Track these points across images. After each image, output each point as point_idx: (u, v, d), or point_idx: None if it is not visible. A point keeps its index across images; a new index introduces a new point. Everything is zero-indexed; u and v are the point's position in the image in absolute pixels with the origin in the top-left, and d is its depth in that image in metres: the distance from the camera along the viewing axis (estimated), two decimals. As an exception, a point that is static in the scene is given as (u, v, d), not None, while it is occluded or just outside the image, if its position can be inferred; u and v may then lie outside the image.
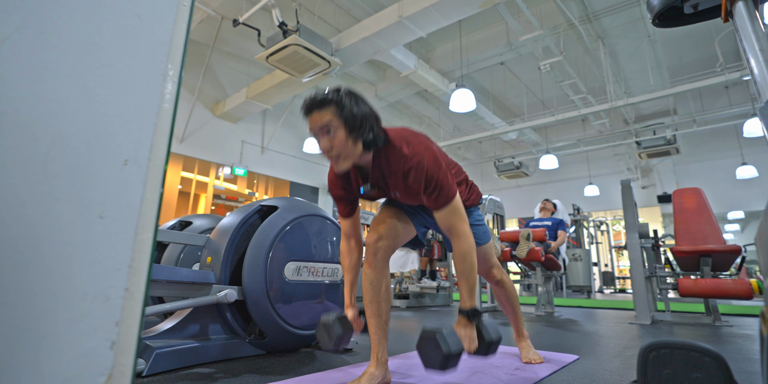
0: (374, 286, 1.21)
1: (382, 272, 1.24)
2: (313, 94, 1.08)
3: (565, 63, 6.37)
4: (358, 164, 1.15)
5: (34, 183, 0.34)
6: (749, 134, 6.31)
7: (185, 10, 0.44)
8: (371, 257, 1.23)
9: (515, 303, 1.59)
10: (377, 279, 1.22)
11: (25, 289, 0.33)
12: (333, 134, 1.05)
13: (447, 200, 1.11)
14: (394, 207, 1.33)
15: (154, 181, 0.40)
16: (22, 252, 0.33)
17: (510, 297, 1.57)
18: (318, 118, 1.06)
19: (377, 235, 1.24)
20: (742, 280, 2.65)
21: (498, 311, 3.90)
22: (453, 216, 1.12)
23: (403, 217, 1.31)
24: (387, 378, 1.19)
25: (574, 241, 7.64)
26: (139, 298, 0.37)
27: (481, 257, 1.44)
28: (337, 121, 1.05)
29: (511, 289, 1.58)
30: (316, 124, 1.07)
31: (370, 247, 1.24)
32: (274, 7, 4.37)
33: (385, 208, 1.33)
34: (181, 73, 0.43)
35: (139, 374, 1.26)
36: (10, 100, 0.34)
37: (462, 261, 1.12)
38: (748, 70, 0.55)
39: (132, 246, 0.38)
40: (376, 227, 1.27)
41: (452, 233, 1.13)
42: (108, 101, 0.39)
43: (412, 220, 1.33)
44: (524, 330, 1.63)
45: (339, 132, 1.05)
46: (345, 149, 1.06)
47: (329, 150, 1.07)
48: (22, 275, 0.33)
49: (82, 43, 0.38)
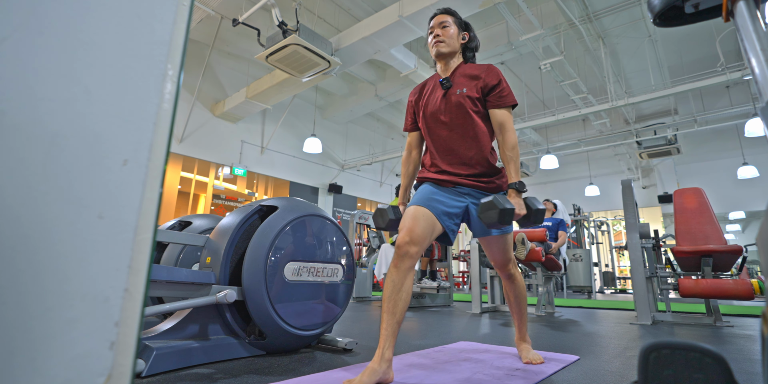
0: (395, 285, 1.27)
1: (406, 275, 1.29)
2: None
3: (566, 63, 6.37)
4: (446, 69, 1.51)
5: (33, 183, 0.34)
6: (750, 134, 6.31)
7: (185, 9, 0.44)
8: (398, 259, 1.30)
9: (523, 303, 1.62)
10: (399, 280, 1.28)
11: (24, 290, 0.33)
12: (447, 27, 1.49)
13: (509, 101, 1.42)
14: (421, 208, 1.38)
15: (153, 181, 0.40)
16: (21, 252, 0.33)
17: (519, 295, 1.62)
18: (441, 18, 1.50)
19: (409, 238, 1.31)
20: (743, 280, 2.64)
21: (498, 311, 3.90)
22: (508, 116, 1.42)
23: (430, 217, 1.38)
24: (389, 376, 1.19)
25: (575, 242, 7.63)
26: (138, 299, 0.37)
27: (503, 247, 1.53)
28: (453, 23, 1.50)
29: (521, 288, 1.62)
30: (438, 20, 1.50)
31: (399, 249, 1.30)
32: (274, 6, 4.37)
33: (415, 209, 1.38)
34: (180, 73, 0.43)
35: (139, 375, 1.26)
36: (9, 100, 0.34)
37: (512, 148, 1.39)
38: (749, 69, 0.55)
39: (131, 246, 0.38)
40: (410, 227, 1.33)
41: (504, 129, 1.41)
42: (107, 101, 0.39)
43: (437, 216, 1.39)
44: (527, 334, 1.64)
45: (452, 27, 1.50)
46: (450, 39, 1.48)
47: (439, 35, 1.48)
48: (21, 275, 0.33)
49: (82, 42, 0.38)
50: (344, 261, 1.86)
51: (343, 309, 1.83)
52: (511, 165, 1.39)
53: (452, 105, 1.44)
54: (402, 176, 1.64)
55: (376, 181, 10.69)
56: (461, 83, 1.46)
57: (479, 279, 3.87)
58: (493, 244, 1.52)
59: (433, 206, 1.39)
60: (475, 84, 1.44)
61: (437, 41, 1.47)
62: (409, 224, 1.34)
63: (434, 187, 1.46)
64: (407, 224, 1.34)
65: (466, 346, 1.89)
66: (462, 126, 1.43)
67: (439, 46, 1.47)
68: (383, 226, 1.48)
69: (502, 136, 1.41)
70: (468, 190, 1.46)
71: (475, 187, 1.46)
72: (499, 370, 1.39)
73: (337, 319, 1.82)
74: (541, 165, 8.10)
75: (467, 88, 1.43)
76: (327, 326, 1.76)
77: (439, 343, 1.98)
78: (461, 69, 1.50)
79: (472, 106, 1.42)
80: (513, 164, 1.39)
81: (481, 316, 3.47)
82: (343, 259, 1.85)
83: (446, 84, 1.47)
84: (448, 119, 1.45)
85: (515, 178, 1.37)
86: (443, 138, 1.46)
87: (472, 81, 1.45)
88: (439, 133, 1.47)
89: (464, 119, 1.43)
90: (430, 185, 1.47)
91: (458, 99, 1.43)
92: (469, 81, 1.45)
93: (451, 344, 1.95)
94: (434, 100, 1.49)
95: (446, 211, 1.41)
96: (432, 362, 1.52)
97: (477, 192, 1.47)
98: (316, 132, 8.58)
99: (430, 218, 1.37)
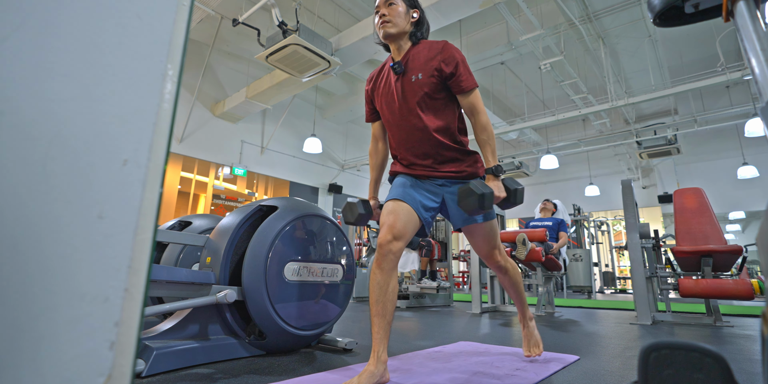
0: (381, 287, 1.25)
1: (390, 274, 1.27)
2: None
3: (566, 63, 6.36)
4: (398, 52, 1.41)
5: (33, 183, 0.34)
6: (750, 134, 6.30)
7: (185, 9, 0.44)
8: (381, 259, 1.27)
9: (519, 289, 1.63)
10: (385, 281, 1.26)
11: (24, 290, 0.33)
12: (394, 5, 1.38)
13: (471, 84, 1.34)
14: (399, 201, 1.36)
15: (153, 181, 0.40)
16: (21, 252, 0.33)
17: (515, 283, 1.62)
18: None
19: (391, 236, 1.28)
20: (743, 280, 2.64)
21: (498, 311, 3.90)
22: (476, 98, 1.36)
23: (410, 212, 1.35)
24: (385, 377, 1.20)
25: (575, 242, 7.63)
26: (138, 299, 0.37)
27: (486, 235, 1.47)
28: (402, 2, 1.39)
29: (515, 276, 1.61)
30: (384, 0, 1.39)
31: (381, 247, 1.27)
32: (274, 6, 4.37)
33: (394, 203, 1.36)
34: (180, 73, 0.43)
35: (139, 375, 1.25)
36: (9, 100, 0.34)
37: (483, 130, 1.35)
38: (749, 69, 0.55)
39: (131, 246, 0.38)
40: (391, 224, 1.30)
41: (474, 111, 1.35)
42: (107, 101, 0.39)
43: (416, 209, 1.36)
44: (529, 312, 1.66)
45: (399, 5, 1.38)
46: (397, 18, 1.37)
47: (385, 15, 1.36)
48: (21, 275, 0.33)
49: (81, 42, 0.38)
50: (344, 261, 1.86)
51: (343, 309, 1.83)
52: (486, 148, 1.34)
53: (407, 95, 1.36)
54: (370, 169, 1.57)
55: (376, 181, 10.67)
56: (415, 68, 1.35)
57: (479, 279, 3.87)
58: (476, 233, 1.47)
59: (411, 199, 1.36)
60: (431, 66, 1.33)
61: (383, 21, 1.36)
62: (390, 220, 1.30)
63: (408, 179, 1.42)
64: (388, 221, 1.30)
65: (466, 346, 1.89)
66: (421, 115, 1.35)
67: (386, 26, 1.36)
68: (352, 220, 1.45)
69: (474, 118, 1.36)
70: (442, 181, 1.42)
71: (447, 178, 1.41)
72: (499, 370, 1.39)
73: (337, 319, 1.82)
74: (541, 165, 8.10)
75: (422, 74, 1.34)
76: (327, 326, 1.76)
77: (439, 343, 1.98)
78: (414, 50, 1.39)
79: (430, 92, 1.34)
80: (488, 147, 1.33)
81: (481, 316, 3.47)
82: (343, 259, 1.85)
83: (398, 69, 1.37)
84: (406, 108, 1.36)
85: (492, 161, 1.33)
86: (403, 128, 1.38)
87: (428, 63, 1.34)
88: (398, 124, 1.39)
89: (422, 107, 1.35)
90: (404, 177, 1.43)
91: (413, 86, 1.34)
92: (424, 64, 1.35)
93: (451, 344, 1.95)
94: (388, 87, 1.40)
95: (423, 204, 1.38)
96: (432, 362, 1.52)
97: (451, 182, 1.41)
98: (316, 132, 8.58)
99: (410, 212, 1.34)
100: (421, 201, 1.37)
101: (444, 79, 1.34)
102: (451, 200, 1.41)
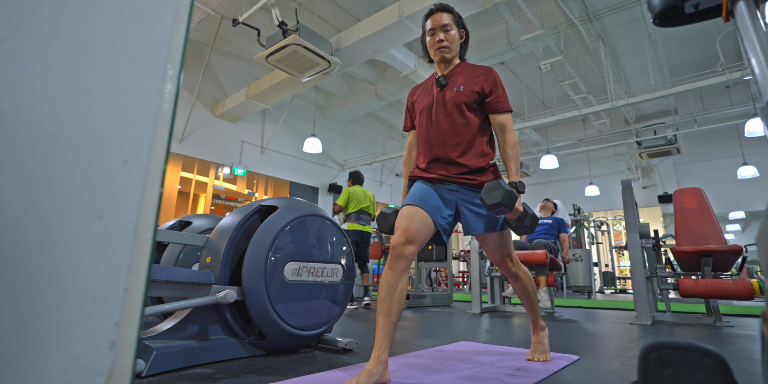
0: (390, 286, 1.27)
1: (401, 276, 1.29)
2: (439, 2, 1.56)
3: (566, 62, 6.37)
4: (444, 69, 1.53)
5: (33, 183, 0.34)
6: (750, 134, 6.31)
7: (185, 9, 0.44)
8: (393, 261, 1.29)
9: (531, 296, 1.63)
10: (394, 281, 1.27)
11: (24, 290, 0.33)
12: (451, 31, 1.48)
13: (504, 108, 1.44)
14: (415, 207, 1.38)
15: (153, 181, 0.40)
16: (21, 252, 0.33)
17: (527, 291, 1.61)
18: (441, 18, 1.48)
19: (404, 239, 1.30)
20: (743, 280, 2.64)
21: (498, 311, 3.90)
22: (508, 119, 1.45)
23: (425, 217, 1.37)
24: (385, 377, 1.19)
25: (575, 242, 7.63)
26: (138, 299, 0.37)
27: (498, 243, 1.50)
28: (454, 24, 1.49)
29: (528, 284, 1.61)
30: (439, 22, 1.47)
31: (394, 250, 1.30)
32: (274, 6, 4.37)
33: (409, 208, 1.38)
34: (180, 73, 0.43)
35: (139, 375, 1.25)
36: (9, 100, 0.34)
37: (512, 147, 1.43)
38: (749, 69, 0.55)
39: (131, 246, 0.38)
40: (405, 228, 1.32)
41: (504, 129, 1.44)
42: (107, 101, 0.39)
43: (432, 215, 1.38)
44: (541, 321, 1.65)
45: (454, 30, 1.49)
46: (453, 44, 1.49)
47: (443, 40, 1.47)
48: (21, 275, 0.33)
49: (81, 42, 0.38)
50: (344, 261, 1.86)
51: (343, 309, 1.83)
52: (511, 163, 1.42)
53: (446, 102, 1.46)
54: (404, 177, 1.63)
55: (376, 181, 10.68)
56: (458, 82, 1.47)
57: (479, 279, 3.87)
58: (488, 241, 1.50)
59: (426, 204, 1.38)
60: (474, 82, 1.45)
61: (441, 47, 1.48)
62: (404, 224, 1.33)
63: (425, 184, 1.45)
64: (402, 224, 1.33)
65: (466, 346, 1.89)
66: (453, 123, 1.44)
67: (444, 52, 1.49)
68: (386, 229, 1.52)
69: (503, 135, 1.44)
70: (456, 187, 1.45)
71: (462, 184, 1.44)
72: (499, 370, 1.39)
73: (337, 319, 1.82)
74: (541, 165, 8.10)
75: (464, 87, 1.45)
76: (327, 326, 1.76)
77: (439, 343, 1.98)
78: (460, 68, 1.52)
79: (467, 104, 1.43)
80: (513, 162, 1.41)
81: (481, 316, 3.47)
82: (342, 259, 1.85)
83: (442, 81, 1.49)
84: (441, 116, 1.46)
85: (515, 176, 1.39)
86: (433, 134, 1.46)
87: (470, 80, 1.46)
88: (430, 130, 1.47)
89: (456, 116, 1.44)
90: (421, 183, 1.47)
91: (453, 96, 1.45)
92: (467, 80, 1.46)
93: (451, 344, 1.95)
94: (429, 96, 1.51)
95: (439, 209, 1.40)
96: (432, 362, 1.52)
97: (465, 189, 1.45)
98: (316, 132, 8.57)
99: (424, 217, 1.36)
100: (436, 207, 1.40)
101: (482, 96, 1.44)
102: (464, 207, 1.44)
